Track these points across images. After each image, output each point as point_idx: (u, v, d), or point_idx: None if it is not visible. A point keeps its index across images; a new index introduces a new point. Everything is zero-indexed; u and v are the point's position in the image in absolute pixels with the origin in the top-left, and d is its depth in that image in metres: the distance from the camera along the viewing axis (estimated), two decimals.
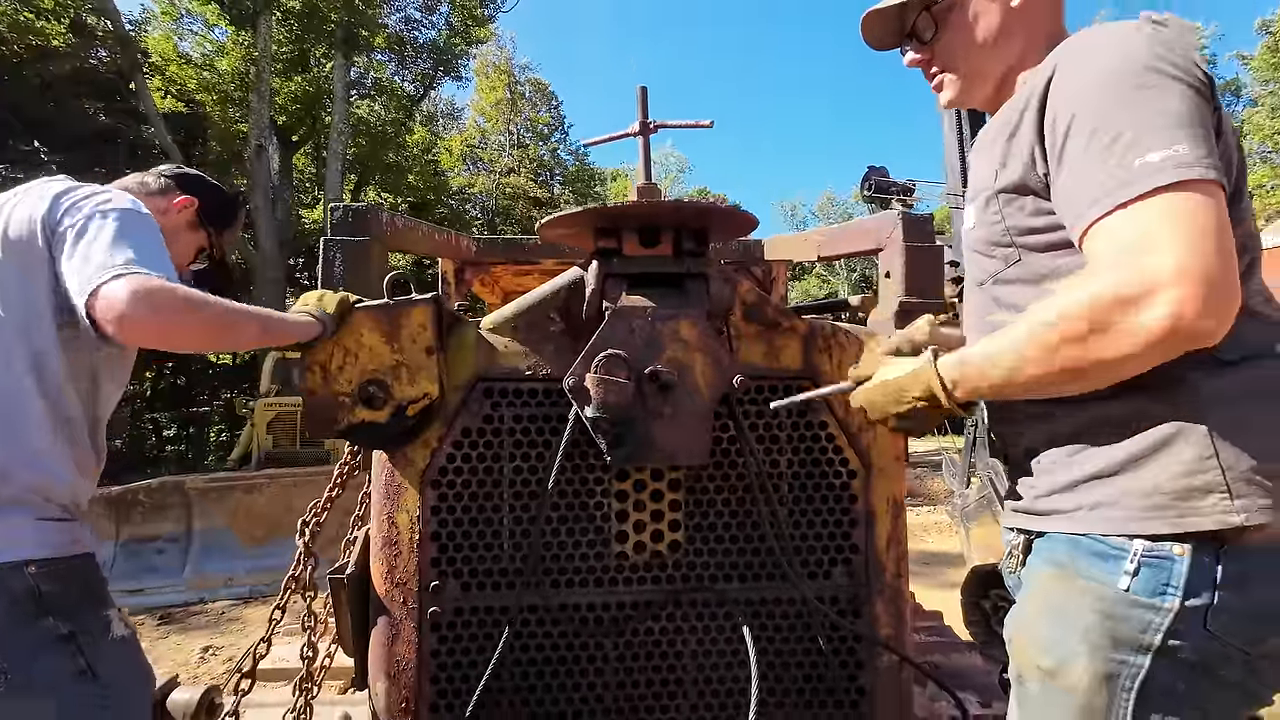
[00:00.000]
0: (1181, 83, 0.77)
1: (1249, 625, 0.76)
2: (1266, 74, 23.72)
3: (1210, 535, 0.76)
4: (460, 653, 1.21)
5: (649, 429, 1.10)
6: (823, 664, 1.26)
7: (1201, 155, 0.72)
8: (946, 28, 1.01)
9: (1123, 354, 0.72)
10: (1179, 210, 0.71)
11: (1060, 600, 0.84)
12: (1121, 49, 0.80)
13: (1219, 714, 0.81)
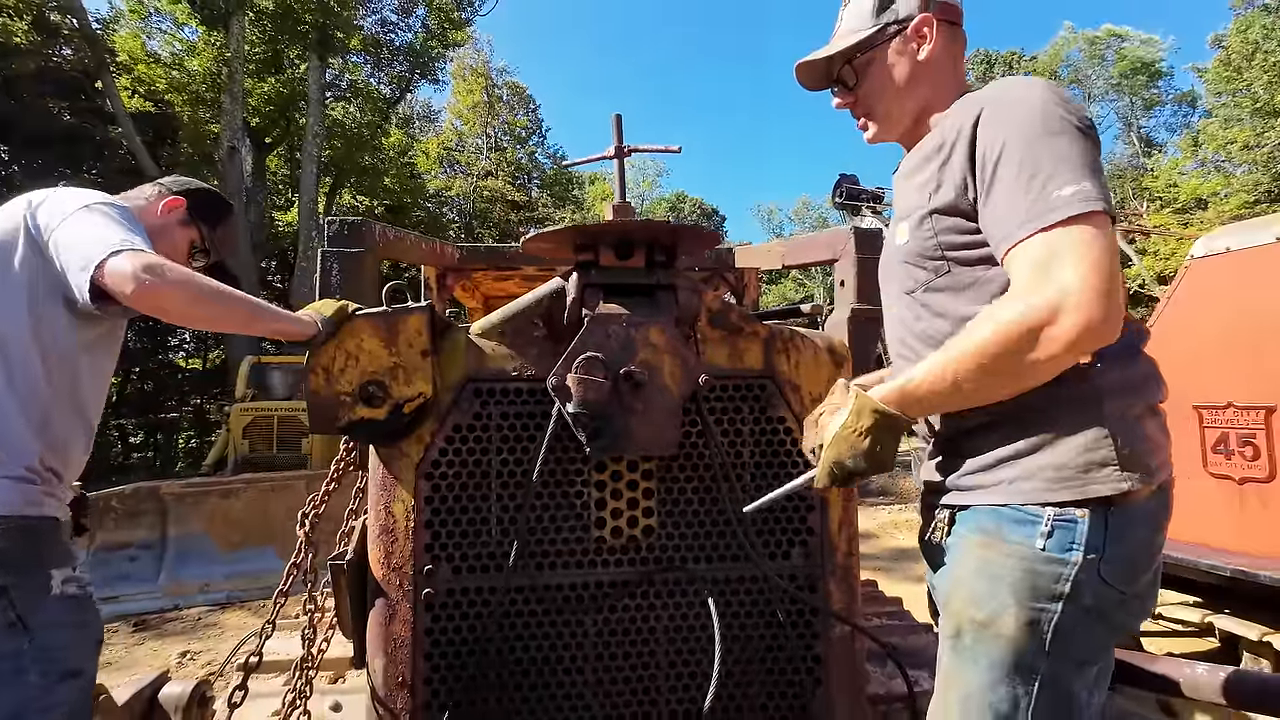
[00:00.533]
0: (1082, 131, 0.95)
1: (1126, 569, 0.94)
2: (1220, 86, 24.71)
3: (1102, 500, 0.93)
4: (452, 631, 1.33)
5: (624, 423, 1.23)
6: (782, 635, 1.39)
7: (1101, 192, 0.89)
8: (866, 77, 1.19)
9: (1049, 357, 0.87)
10: (1084, 237, 0.87)
11: (989, 562, 0.98)
12: (1039, 100, 0.97)
13: (1103, 645, 0.98)
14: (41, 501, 1.31)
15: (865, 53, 1.17)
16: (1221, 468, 3.09)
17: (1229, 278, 3.12)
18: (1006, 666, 0.96)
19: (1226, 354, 3.06)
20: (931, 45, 1.14)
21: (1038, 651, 0.94)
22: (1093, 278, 0.84)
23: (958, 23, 1.18)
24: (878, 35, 1.15)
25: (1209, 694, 1.75)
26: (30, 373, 1.31)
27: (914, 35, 1.14)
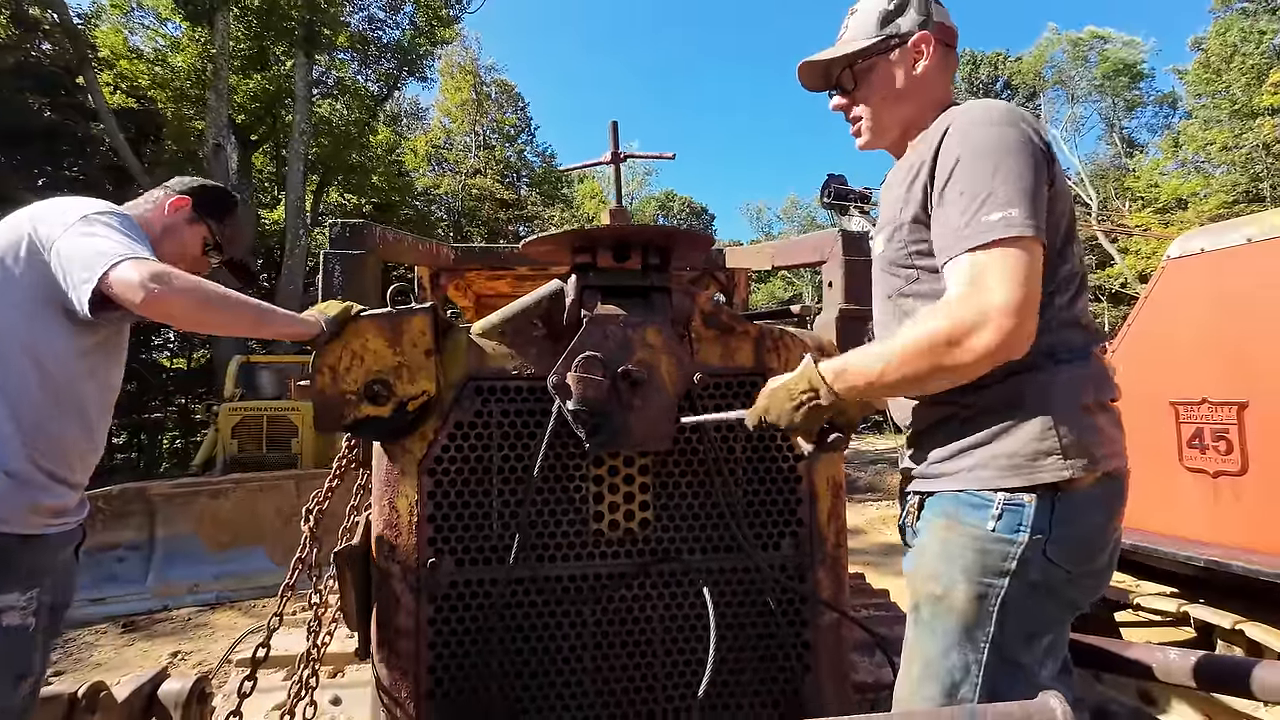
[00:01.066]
0: (1031, 157, 1.03)
1: (1072, 549, 1.02)
2: (1199, 88, 25.12)
3: (1049, 486, 1.01)
4: (455, 621, 1.37)
5: (622, 420, 1.28)
6: (773, 623, 1.45)
7: (1030, 217, 0.98)
8: (864, 84, 1.27)
9: (965, 363, 0.98)
10: (1006, 260, 0.97)
11: (948, 542, 1.08)
12: (993, 125, 1.06)
13: (1052, 619, 1.06)
14: (11, 517, 1.28)
15: (866, 59, 1.25)
16: (1197, 462, 3.18)
17: (1203, 278, 3.21)
18: (958, 636, 1.04)
19: (1201, 352, 3.15)
20: (927, 62, 1.22)
21: (986, 623, 1.03)
22: (1011, 299, 0.95)
23: (952, 45, 1.27)
24: (880, 45, 1.23)
25: (1180, 677, 1.82)
26: (21, 379, 1.33)
27: (913, 50, 1.22)
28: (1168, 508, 3.28)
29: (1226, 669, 1.80)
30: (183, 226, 1.64)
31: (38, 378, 1.34)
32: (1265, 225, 2.97)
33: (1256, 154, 22.27)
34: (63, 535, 1.43)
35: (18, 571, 1.30)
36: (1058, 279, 1.09)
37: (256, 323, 1.33)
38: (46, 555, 1.37)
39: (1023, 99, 33.71)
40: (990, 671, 1.03)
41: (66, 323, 1.36)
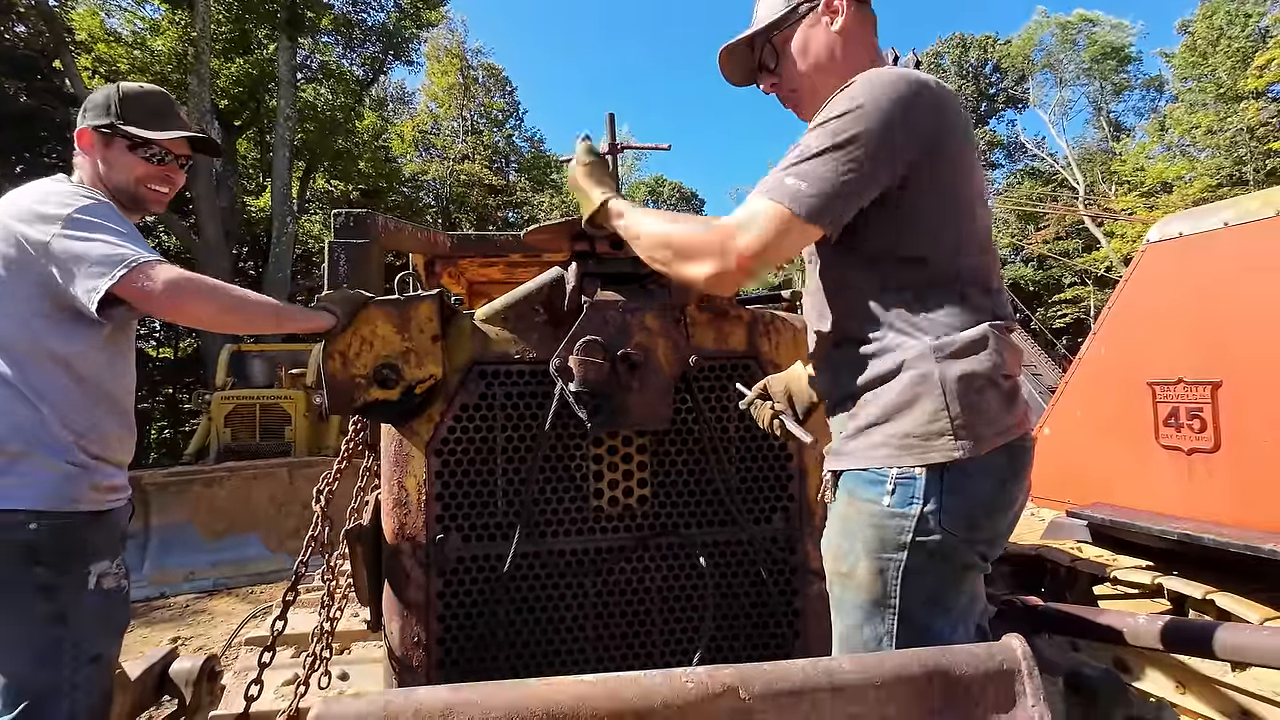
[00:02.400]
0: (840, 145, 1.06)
1: (964, 517, 1.06)
2: (1186, 71, 25.24)
3: (938, 463, 1.05)
4: (463, 594, 1.43)
5: (621, 401, 1.34)
6: (765, 592, 1.53)
7: (814, 200, 1.05)
8: (785, 55, 1.26)
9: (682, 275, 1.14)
10: (772, 218, 1.06)
11: (848, 519, 1.13)
12: (859, 102, 1.07)
13: (953, 584, 1.09)
14: (81, 497, 1.40)
15: (782, 30, 1.25)
16: (1172, 440, 3.29)
17: (1182, 261, 3.30)
18: (867, 609, 1.09)
19: (1179, 333, 3.25)
20: (844, 17, 1.22)
21: (890, 596, 1.08)
22: (748, 251, 1.07)
23: (866, 2, 1.26)
24: (792, 14, 1.24)
25: (1148, 640, 1.93)
26: (58, 384, 1.40)
27: (825, 10, 1.23)
28: (1144, 485, 3.39)
29: (1191, 632, 1.91)
30: (111, 156, 1.55)
31: (70, 379, 1.42)
32: (1242, 209, 3.06)
33: (1240, 137, 22.47)
34: (121, 510, 1.57)
35: (104, 542, 1.45)
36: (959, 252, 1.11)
37: (275, 319, 1.38)
38: (116, 527, 1.52)
39: (1012, 82, 33.76)
40: (901, 639, 1.07)
41: (80, 323, 1.41)
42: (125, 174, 1.56)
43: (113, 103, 1.56)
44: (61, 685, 1.35)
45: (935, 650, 0.70)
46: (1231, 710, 2.43)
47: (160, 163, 1.59)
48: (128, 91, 1.60)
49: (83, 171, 1.58)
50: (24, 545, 1.32)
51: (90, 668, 1.39)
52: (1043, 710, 0.65)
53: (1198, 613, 3.16)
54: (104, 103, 1.57)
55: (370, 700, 0.59)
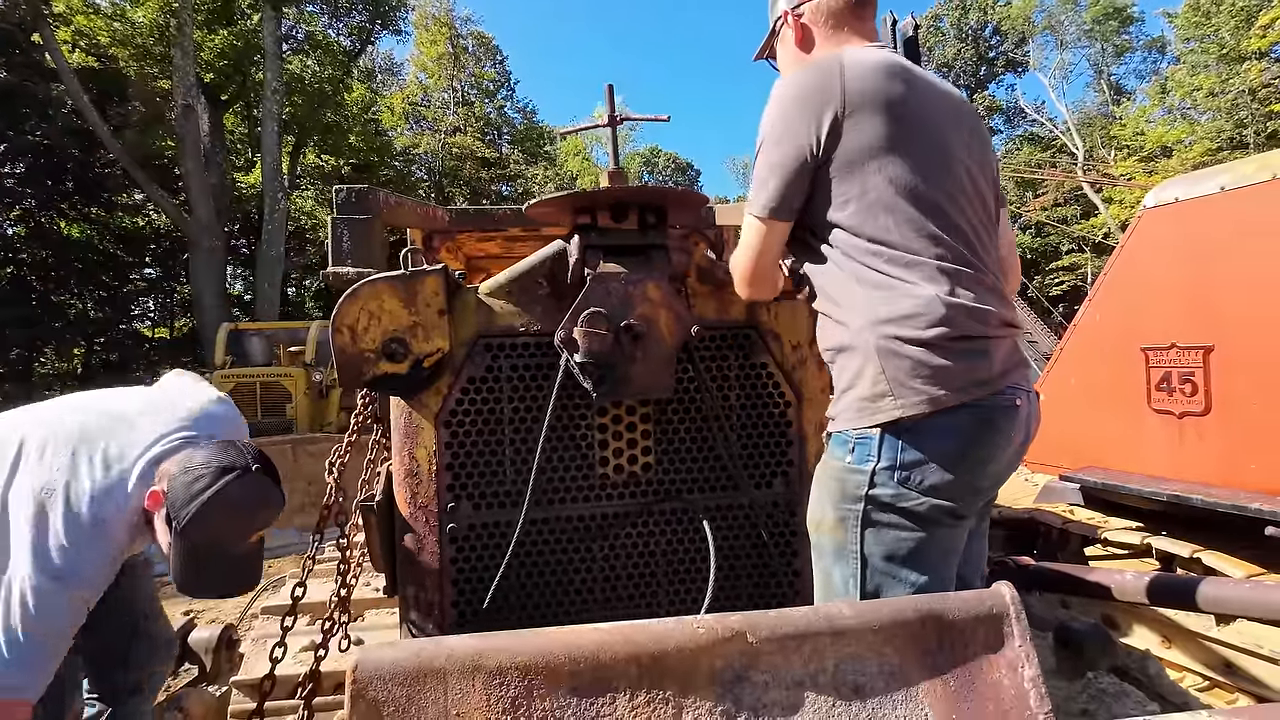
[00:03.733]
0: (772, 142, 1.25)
1: (914, 471, 1.15)
2: (1188, 32, 24.79)
3: (892, 421, 1.16)
4: (475, 560, 1.48)
5: (625, 371, 1.37)
6: (766, 554, 1.58)
7: (765, 202, 1.26)
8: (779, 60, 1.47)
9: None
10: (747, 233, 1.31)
11: (820, 477, 1.27)
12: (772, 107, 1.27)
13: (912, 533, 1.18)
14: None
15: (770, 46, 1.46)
16: (1164, 404, 3.35)
17: (1177, 227, 3.31)
18: (835, 554, 1.23)
19: (1173, 299, 3.28)
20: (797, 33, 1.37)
21: (851, 541, 1.20)
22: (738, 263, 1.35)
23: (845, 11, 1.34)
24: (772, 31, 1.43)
25: (1134, 595, 2.00)
26: None
27: (785, 29, 1.40)
28: (1135, 448, 3.46)
29: (1176, 586, 1.98)
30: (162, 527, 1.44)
31: None
32: (1238, 174, 3.06)
33: (1242, 99, 22.20)
34: None
35: None
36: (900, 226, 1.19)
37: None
38: None
39: (1012, 45, 33.14)
40: (866, 580, 1.19)
41: None
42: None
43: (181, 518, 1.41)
44: None
45: (930, 596, 0.74)
46: (1214, 662, 2.52)
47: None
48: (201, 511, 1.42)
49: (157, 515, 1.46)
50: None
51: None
52: (1029, 649, 0.70)
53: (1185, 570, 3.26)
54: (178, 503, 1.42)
55: (404, 647, 0.63)
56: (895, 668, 0.66)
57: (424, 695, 0.58)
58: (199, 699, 2.09)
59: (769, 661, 0.64)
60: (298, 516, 7.14)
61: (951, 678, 0.66)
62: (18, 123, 16.50)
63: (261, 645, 2.21)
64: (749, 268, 1.32)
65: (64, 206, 18.61)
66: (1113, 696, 1.93)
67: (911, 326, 1.15)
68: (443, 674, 0.59)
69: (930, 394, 1.13)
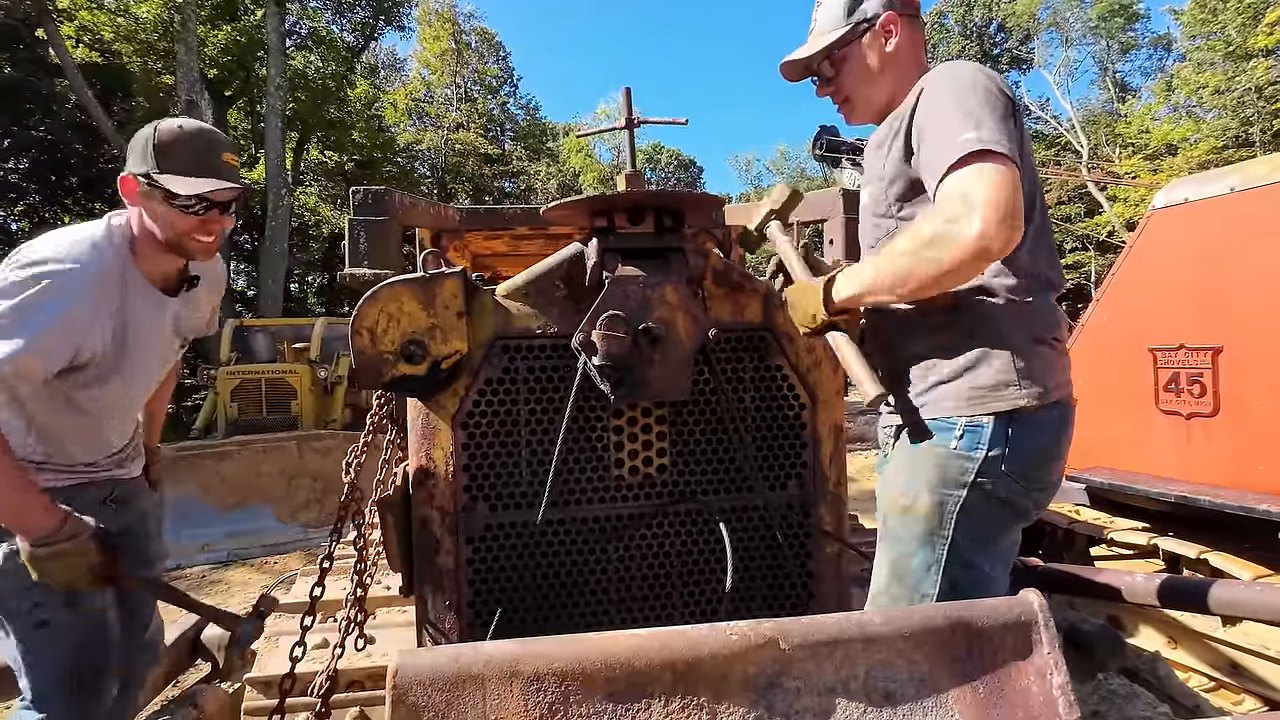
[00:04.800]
0: (994, 94, 1.13)
1: (1025, 464, 1.17)
2: (1195, 29, 24.65)
3: (1005, 411, 1.16)
4: (491, 560, 1.49)
5: (643, 373, 1.38)
6: (781, 556, 1.59)
7: (997, 136, 1.07)
8: (843, 70, 1.38)
9: (953, 261, 1.05)
10: (980, 170, 1.05)
11: (914, 461, 1.24)
12: (961, 73, 1.17)
13: (1003, 526, 1.22)
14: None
15: (841, 49, 1.35)
16: (1172, 405, 3.35)
17: (1187, 227, 3.31)
18: (922, 538, 1.21)
19: (1182, 300, 3.27)
20: (897, 39, 1.32)
21: (945, 528, 1.20)
22: (989, 203, 1.02)
23: (917, 15, 1.36)
24: (851, 33, 1.33)
25: (1145, 597, 2.01)
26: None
27: (882, 30, 1.32)
28: (1143, 448, 3.46)
29: (1186, 588, 1.99)
30: (152, 207, 1.48)
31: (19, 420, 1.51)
32: (1248, 175, 3.05)
33: (1248, 97, 22.09)
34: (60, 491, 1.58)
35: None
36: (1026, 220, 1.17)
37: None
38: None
39: (1016, 42, 33.00)
40: (949, 571, 1.19)
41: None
42: (166, 228, 1.49)
43: (149, 149, 1.45)
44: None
45: (958, 604, 0.75)
46: (1220, 663, 2.53)
47: (200, 214, 1.48)
48: (163, 138, 1.46)
49: (132, 215, 1.52)
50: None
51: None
52: (1057, 656, 0.70)
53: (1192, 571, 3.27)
54: (142, 148, 1.46)
55: (443, 652, 0.64)
56: (925, 674, 0.67)
57: (463, 700, 0.59)
58: (213, 696, 2.10)
59: (801, 668, 0.65)
60: (302, 513, 7.17)
61: (981, 684, 0.67)
62: (21, 118, 16.52)
63: (274, 642, 2.22)
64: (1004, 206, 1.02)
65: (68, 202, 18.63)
66: (1123, 698, 1.94)
67: (1039, 324, 1.20)
68: (481, 680, 0.60)
69: (1044, 388, 1.17)
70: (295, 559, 6.34)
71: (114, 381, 1.57)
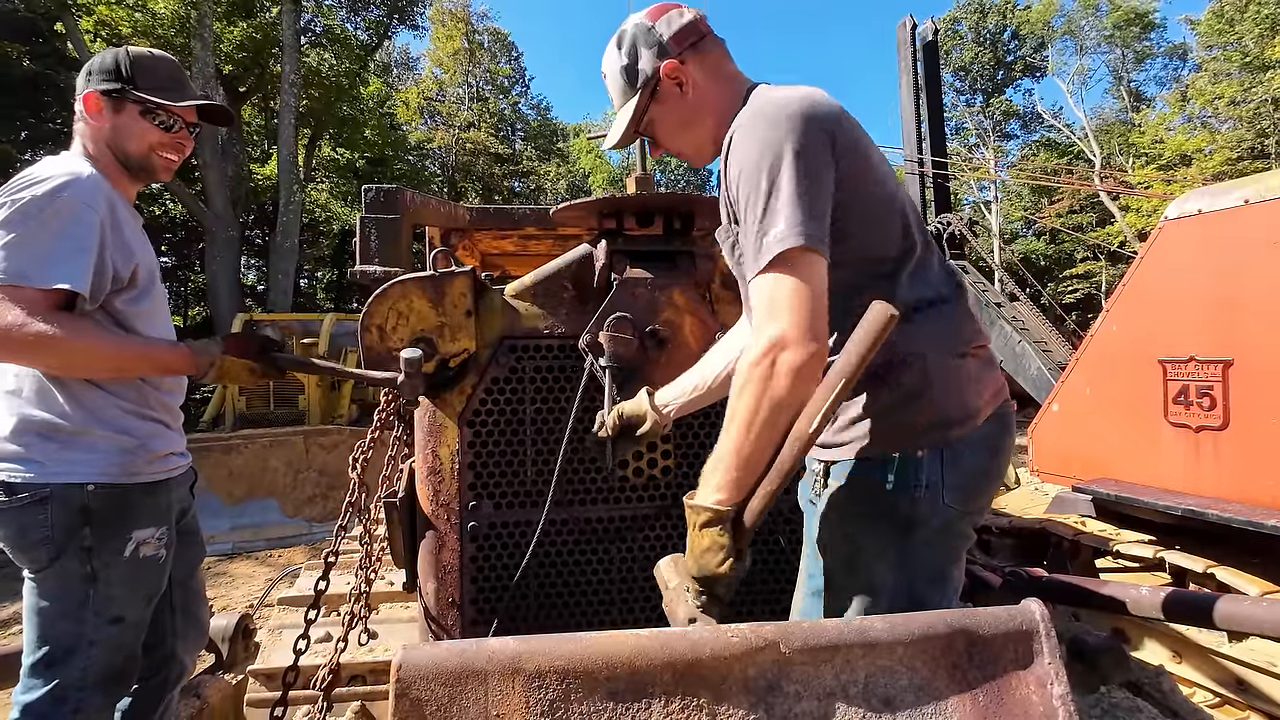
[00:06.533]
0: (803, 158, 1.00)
1: (964, 492, 1.09)
2: (1211, 39, 24.47)
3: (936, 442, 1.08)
4: (494, 558, 1.50)
5: (650, 375, 1.38)
6: (782, 560, 1.59)
7: (794, 224, 0.97)
8: (658, 133, 1.26)
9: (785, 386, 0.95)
10: (787, 276, 0.97)
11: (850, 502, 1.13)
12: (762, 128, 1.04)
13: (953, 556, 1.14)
14: (138, 470, 1.46)
15: (644, 117, 1.23)
16: (1181, 417, 3.32)
17: (1199, 239, 3.29)
18: (873, 589, 1.10)
19: (1193, 312, 3.25)
20: (690, 82, 1.20)
21: (893, 572, 1.09)
22: (796, 317, 0.95)
23: (701, 39, 1.21)
24: (642, 99, 1.21)
25: (1149, 611, 1.99)
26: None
27: (670, 84, 1.20)
28: (1150, 461, 3.43)
29: (1192, 603, 1.97)
30: (121, 122, 1.51)
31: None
32: (1263, 187, 3.03)
33: (1264, 109, 21.91)
34: (178, 480, 1.61)
35: (150, 512, 1.49)
36: (897, 254, 1.11)
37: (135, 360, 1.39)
38: (168, 497, 1.56)
39: (1030, 50, 32.86)
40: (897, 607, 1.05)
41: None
42: (137, 141, 1.53)
43: (123, 66, 1.51)
44: (81, 639, 1.41)
45: (960, 611, 0.75)
46: (1226, 679, 2.51)
47: (172, 130, 1.56)
48: (138, 56, 1.55)
49: (85, 138, 1.54)
50: (80, 510, 1.39)
51: (111, 628, 1.45)
52: (1058, 666, 0.70)
53: (1198, 586, 3.24)
54: (114, 66, 1.52)
55: (447, 648, 0.65)
56: (925, 681, 0.67)
57: (465, 695, 0.59)
58: (216, 687, 2.12)
59: (801, 672, 0.65)
60: (307, 507, 7.22)
61: (981, 693, 0.67)
62: (39, 110, 16.71)
63: (277, 635, 2.24)
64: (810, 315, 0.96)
65: None
66: (1126, 711, 1.93)
67: (958, 338, 1.11)
68: (483, 675, 0.61)
69: (976, 409, 1.09)
70: (299, 553, 6.38)
71: (154, 295, 1.57)
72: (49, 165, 1.44)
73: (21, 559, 1.40)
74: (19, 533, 1.37)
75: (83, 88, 1.53)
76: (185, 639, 1.69)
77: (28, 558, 1.39)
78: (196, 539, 1.77)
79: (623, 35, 1.23)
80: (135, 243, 1.51)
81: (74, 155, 1.53)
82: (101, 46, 17.09)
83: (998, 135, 33.68)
